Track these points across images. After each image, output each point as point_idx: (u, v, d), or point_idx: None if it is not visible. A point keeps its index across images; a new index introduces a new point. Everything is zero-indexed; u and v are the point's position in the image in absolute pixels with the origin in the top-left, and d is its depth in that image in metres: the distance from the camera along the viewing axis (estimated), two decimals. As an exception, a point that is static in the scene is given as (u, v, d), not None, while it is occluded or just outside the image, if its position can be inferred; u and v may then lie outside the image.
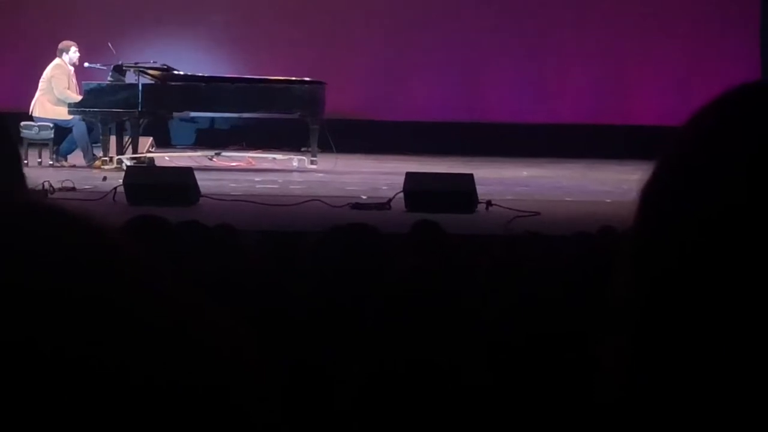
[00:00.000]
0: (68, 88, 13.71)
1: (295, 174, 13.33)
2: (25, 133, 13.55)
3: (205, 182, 10.66)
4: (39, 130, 13.70)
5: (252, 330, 0.77)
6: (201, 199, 10.04)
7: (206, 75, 14.04)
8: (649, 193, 0.91)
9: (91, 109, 13.31)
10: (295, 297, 3.29)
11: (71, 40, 14.08)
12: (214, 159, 14.29)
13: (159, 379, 0.71)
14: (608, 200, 10.25)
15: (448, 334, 2.90)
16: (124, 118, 13.46)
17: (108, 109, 13.29)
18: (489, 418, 2.25)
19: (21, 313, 0.70)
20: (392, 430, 2.18)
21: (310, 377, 2.63)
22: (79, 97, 13.52)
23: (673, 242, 0.87)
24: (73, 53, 13.89)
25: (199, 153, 14.42)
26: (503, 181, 12.36)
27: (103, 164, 13.11)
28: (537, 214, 9.23)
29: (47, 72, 13.83)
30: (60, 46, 13.96)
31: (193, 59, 15.95)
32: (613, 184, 11.64)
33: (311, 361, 2.76)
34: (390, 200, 9.84)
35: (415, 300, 3.02)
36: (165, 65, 13.93)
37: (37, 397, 0.68)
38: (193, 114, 15.49)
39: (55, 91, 13.60)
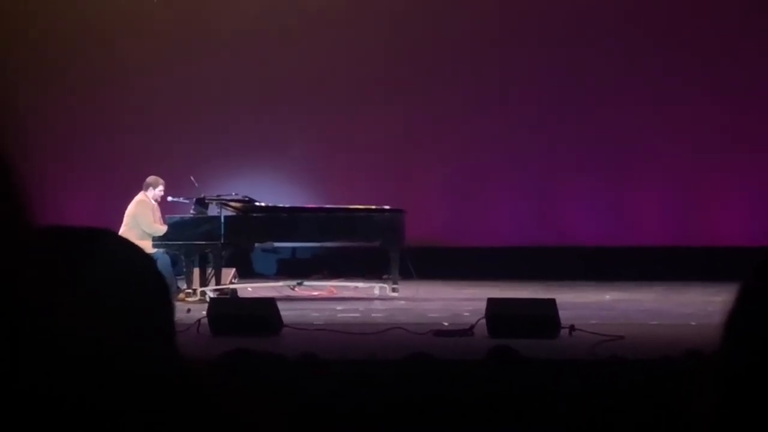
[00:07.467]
0: (155, 222, 13.74)
1: (376, 302, 13.33)
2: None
3: (287, 312, 10.69)
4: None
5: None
6: (283, 329, 10.07)
7: (287, 206, 14.16)
8: (735, 316, 0.90)
9: (175, 242, 13.45)
10: (376, 424, 3.28)
11: (155, 173, 14.07)
12: (296, 289, 14.36)
13: None
14: (693, 323, 10.12)
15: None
16: (207, 250, 13.59)
17: (191, 242, 13.43)
18: None
19: None
20: None
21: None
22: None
23: (760, 365, 0.86)
24: (159, 190, 13.77)
25: (281, 283, 14.49)
26: (585, 305, 12.26)
27: (187, 296, 13.20)
28: (621, 338, 9.12)
29: (131, 208, 13.73)
30: (148, 180, 13.88)
31: (273, 190, 16.14)
32: (697, 307, 11.50)
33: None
34: (473, 326, 9.78)
35: (496, 425, 2.99)
36: (246, 197, 14.07)
37: None
38: (274, 244, 15.61)
39: (144, 228, 13.51)
